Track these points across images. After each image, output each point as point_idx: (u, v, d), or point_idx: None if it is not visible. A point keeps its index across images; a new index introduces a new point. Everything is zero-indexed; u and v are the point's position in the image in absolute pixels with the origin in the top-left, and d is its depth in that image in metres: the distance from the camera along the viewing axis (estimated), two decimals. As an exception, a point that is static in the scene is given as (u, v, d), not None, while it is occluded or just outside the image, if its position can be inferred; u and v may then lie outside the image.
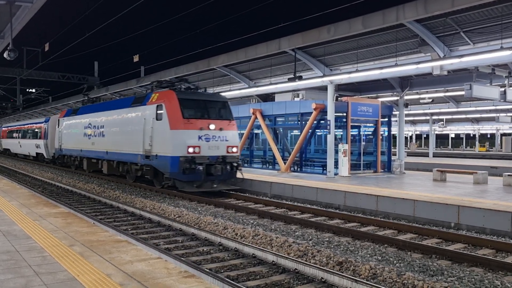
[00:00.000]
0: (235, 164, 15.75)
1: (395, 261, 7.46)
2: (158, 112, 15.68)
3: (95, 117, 21.77)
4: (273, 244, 8.64)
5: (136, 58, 22.78)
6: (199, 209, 12.74)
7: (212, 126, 15.30)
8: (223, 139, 15.56)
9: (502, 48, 12.49)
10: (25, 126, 37.57)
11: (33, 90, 55.87)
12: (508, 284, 6.34)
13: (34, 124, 34.99)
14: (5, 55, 15.56)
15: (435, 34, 14.39)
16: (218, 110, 16.26)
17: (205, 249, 8.49)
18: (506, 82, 15.95)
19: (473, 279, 6.54)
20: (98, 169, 22.11)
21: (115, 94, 35.59)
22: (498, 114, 36.94)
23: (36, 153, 33.54)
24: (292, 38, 17.28)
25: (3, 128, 47.85)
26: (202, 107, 15.83)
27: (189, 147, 14.74)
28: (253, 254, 7.89)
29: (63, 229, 7.33)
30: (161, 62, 47.50)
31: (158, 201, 14.29)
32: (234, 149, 15.87)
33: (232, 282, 6.28)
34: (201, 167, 14.63)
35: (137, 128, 16.98)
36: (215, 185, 15.20)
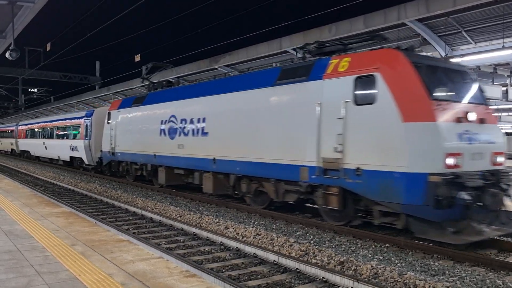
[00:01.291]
0: (505, 187, 8.83)
1: (396, 261, 7.45)
2: (362, 90, 9.01)
3: (186, 106, 14.56)
4: (274, 244, 8.64)
5: (137, 58, 22.81)
6: (201, 208, 12.74)
7: (471, 116, 8.76)
8: (487, 139, 9.06)
9: (504, 47, 12.48)
10: (54, 123, 29.80)
11: (35, 90, 56.09)
12: (510, 284, 6.33)
13: (68, 120, 27.04)
14: (7, 55, 15.60)
15: (436, 34, 14.38)
16: (469, 87, 9.65)
17: (206, 249, 8.50)
18: (508, 81, 15.93)
19: (474, 279, 6.53)
20: (184, 184, 15.73)
21: (117, 94, 35.62)
22: (500, 114, 36.87)
23: (71, 158, 26.27)
24: (294, 37, 17.30)
25: (20, 127, 39.66)
26: (451, 82, 9.33)
27: (448, 155, 8.13)
28: (254, 253, 7.88)
29: (65, 228, 7.34)
30: (163, 61, 47.47)
31: (159, 200, 14.30)
32: (501, 159, 9.32)
33: (233, 281, 6.28)
34: (467, 195, 7.96)
35: (296, 120, 10.44)
36: (485, 229, 8.41)
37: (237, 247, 8.33)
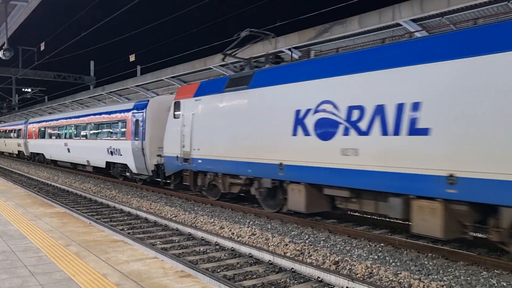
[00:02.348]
0: None
1: (391, 260, 7.47)
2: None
3: (367, 85, 8.81)
4: (269, 244, 8.65)
5: (132, 58, 22.75)
6: (196, 208, 12.73)
7: None
8: None
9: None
10: (83, 119, 23.14)
11: (29, 90, 55.79)
12: (503, 283, 6.37)
13: (105, 115, 20.52)
14: (0, 54, 15.50)
15: (431, 34, 14.44)
16: None
17: (201, 249, 8.49)
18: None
19: (468, 278, 6.56)
20: (336, 213, 10.82)
21: (111, 94, 35.50)
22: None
23: (108, 164, 20.22)
24: (289, 37, 17.32)
25: (32, 125, 32.98)
26: None
27: None
28: (249, 253, 7.89)
29: (59, 229, 7.30)
30: (158, 61, 47.39)
31: (154, 200, 14.27)
32: None
33: (228, 281, 6.28)
34: None
35: None
36: None
37: (232, 247, 8.33)
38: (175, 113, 14.47)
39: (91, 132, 21.74)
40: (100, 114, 21.14)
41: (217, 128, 12.45)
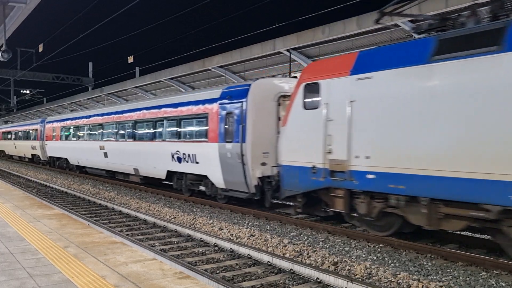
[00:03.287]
0: None
1: (390, 261, 7.47)
2: None
3: None
4: (268, 245, 8.64)
5: (131, 59, 22.77)
6: (194, 210, 12.72)
7: None
8: None
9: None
10: (128, 114, 17.82)
11: (27, 92, 55.74)
12: (502, 283, 6.38)
13: (168, 108, 15.21)
14: (-2, 56, 15.49)
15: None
16: None
17: (200, 250, 8.48)
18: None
19: (467, 279, 6.57)
20: None
21: (110, 95, 35.50)
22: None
23: (171, 173, 15.08)
24: (287, 38, 17.35)
25: (50, 124, 27.83)
26: None
27: None
28: (248, 254, 7.88)
29: (58, 230, 7.29)
30: (156, 63, 47.46)
31: (153, 202, 14.25)
32: None
33: (227, 282, 6.28)
34: None
35: None
36: None
37: (231, 248, 8.32)
38: (308, 100, 9.79)
39: (145, 131, 16.47)
40: (159, 107, 15.74)
41: (420, 122, 7.71)
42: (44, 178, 22.76)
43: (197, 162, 13.28)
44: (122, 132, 18.23)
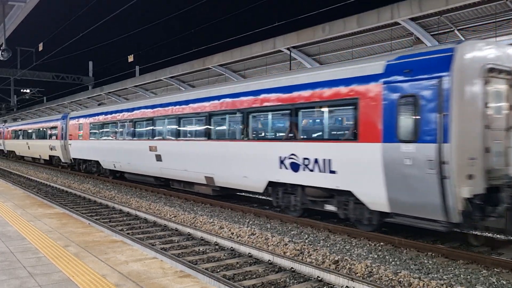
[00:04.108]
0: None
1: (391, 259, 7.47)
2: None
3: None
4: (269, 243, 8.63)
5: (131, 58, 22.72)
6: (195, 208, 12.71)
7: None
8: None
9: (496, 46, 12.47)
10: (196, 105, 13.63)
11: (28, 91, 55.71)
12: (503, 281, 6.37)
13: (267, 95, 10.99)
14: (-2, 55, 15.46)
15: (429, 32, 14.42)
16: None
17: (201, 249, 8.48)
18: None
19: (468, 277, 6.56)
20: None
21: (110, 94, 35.49)
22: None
23: (271, 184, 11.03)
24: (287, 37, 17.31)
25: (75, 120, 23.99)
26: None
27: None
28: (249, 253, 7.88)
29: (58, 229, 7.29)
30: (156, 62, 47.42)
31: (153, 201, 14.25)
32: None
33: (228, 281, 6.27)
34: None
35: None
36: None
37: (231, 247, 8.32)
38: None
39: (229, 128, 12.62)
40: (255, 93, 11.44)
41: None
42: (45, 177, 22.75)
43: (332, 172, 9.35)
44: (187, 129, 14.22)
